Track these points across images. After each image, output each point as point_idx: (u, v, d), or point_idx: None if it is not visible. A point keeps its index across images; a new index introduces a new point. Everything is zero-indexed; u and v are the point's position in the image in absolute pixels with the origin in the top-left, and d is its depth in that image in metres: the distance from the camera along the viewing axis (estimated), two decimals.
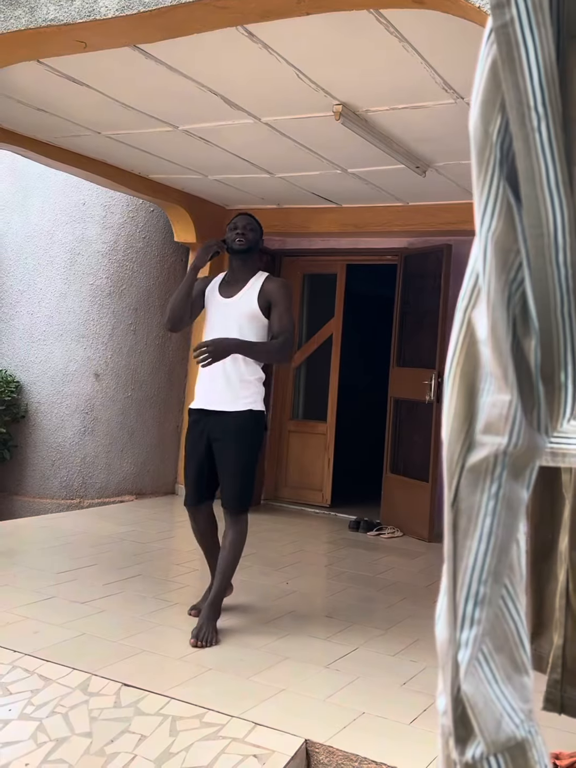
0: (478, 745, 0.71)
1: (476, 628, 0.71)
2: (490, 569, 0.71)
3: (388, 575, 4.96)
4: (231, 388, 3.59)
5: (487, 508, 0.71)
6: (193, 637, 3.40)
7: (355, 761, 2.59)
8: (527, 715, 0.73)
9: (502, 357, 0.69)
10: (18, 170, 6.79)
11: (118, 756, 2.58)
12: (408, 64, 3.53)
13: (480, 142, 0.69)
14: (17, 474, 6.55)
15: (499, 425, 0.70)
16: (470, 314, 0.72)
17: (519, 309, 0.69)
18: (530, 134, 0.66)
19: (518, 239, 0.69)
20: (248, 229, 3.71)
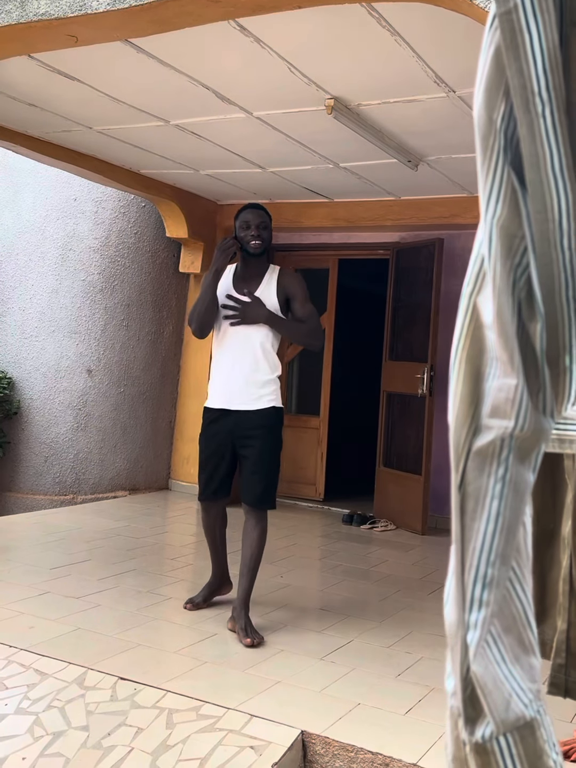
0: (487, 725, 0.72)
1: (485, 610, 0.71)
2: (497, 551, 0.72)
3: (382, 568, 4.97)
4: (252, 388, 3.55)
5: (494, 491, 0.71)
6: (248, 637, 3.39)
7: (351, 751, 2.60)
8: (536, 695, 0.74)
9: (507, 341, 0.69)
10: (9, 166, 6.77)
11: (115, 749, 2.59)
12: (400, 58, 3.53)
13: (484, 128, 0.70)
14: (10, 470, 6.54)
15: (505, 409, 0.70)
16: (475, 299, 0.73)
17: (524, 293, 0.70)
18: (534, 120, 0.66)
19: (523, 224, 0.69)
20: (262, 228, 3.61)
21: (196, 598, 3.72)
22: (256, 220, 3.61)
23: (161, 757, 2.53)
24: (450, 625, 0.74)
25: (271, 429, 3.57)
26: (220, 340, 3.65)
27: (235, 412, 3.56)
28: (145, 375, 6.93)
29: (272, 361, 3.62)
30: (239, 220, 3.65)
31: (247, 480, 3.57)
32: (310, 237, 7.13)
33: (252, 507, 3.56)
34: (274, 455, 3.61)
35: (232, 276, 3.70)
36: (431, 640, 3.63)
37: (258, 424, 3.54)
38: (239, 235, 3.63)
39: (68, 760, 2.54)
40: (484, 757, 0.73)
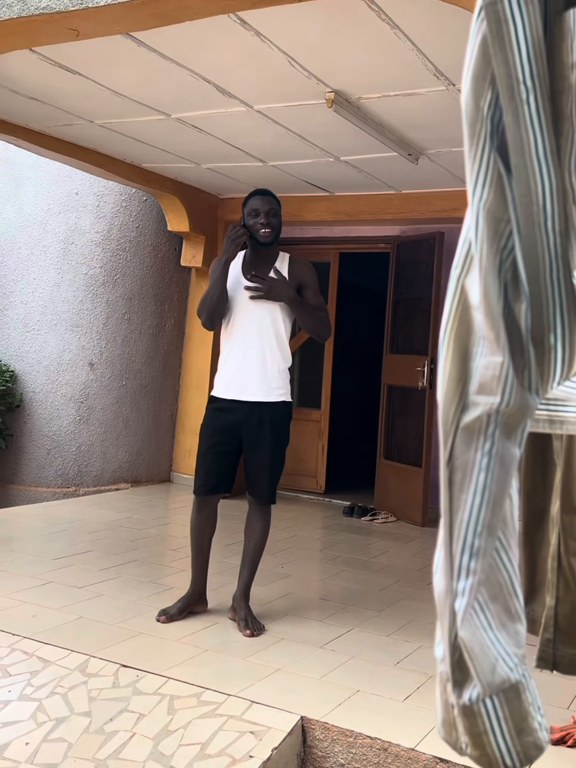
0: (474, 688, 0.75)
1: (472, 578, 0.74)
2: (484, 522, 0.74)
3: (382, 559, 5.01)
4: (266, 378, 3.48)
5: (481, 465, 0.73)
6: (248, 629, 3.41)
7: (350, 736, 2.64)
8: (521, 660, 0.77)
9: (494, 321, 0.72)
10: (10, 160, 6.79)
11: (118, 734, 2.62)
12: (400, 51, 3.55)
13: (471, 115, 0.72)
14: (13, 463, 6.57)
15: (491, 386, 0.72)
16: (463, 281, 0.75)
17: (510, 275, 0.72)
18: (519, 107, 0.68)
19: (509, 208, 0.71)
20: (272, 215, 3.49)
21: (171, 609, 3.56)
22: (265, 207, 3.49)
23: (163, 742, 2.57)
24: (439, 593, 0.77)
25: (282, 425, 3.54)
26: (230, 329, 3.55)
27: (246, 404, 3.48)
28: (146, 368, 6.96)
29: (285, 351, 3.55)
30: (248, 207, 3.53)
31: (257, 476, 3.54)
32: (310, 231, 7.15)
33: (256, 499, 3.57)
34: (282, 451, 3.60)
35: (241, 264, 3.60)
36: (430, 629, 3.64)
37: (269, 420, 3.48)
38: (248, 223, 3.50)
39: (71, 745, 2.58)
40: (471, 719, 0.75)
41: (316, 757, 2.68)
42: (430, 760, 2.51)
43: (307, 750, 2.69)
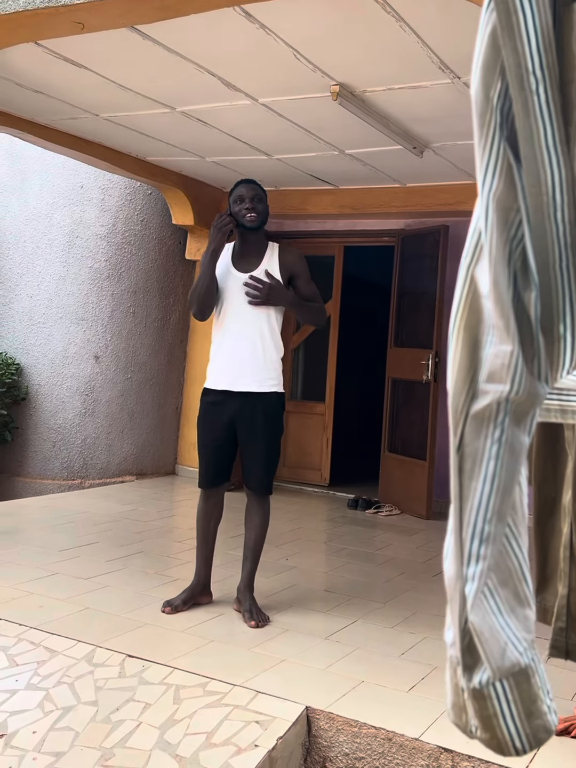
0: (484, 672, 0.76)
1: (482, 564, 0.75)
2: (494, 509, 0.75)
3: (387, 551, 5.03)
4: (258, 369, 3.48)
5: (491, 452, 0.74)
6: (252, 620, 3.43)
7: (354, 726, 2.66)
8: (530, 644, 0.78)
9: (503, 310, 0.72)
10: (16, 153, 6.81)
11: (124, 723, 2.65)
12: (405, 44, 3.55)
13: (481, 106, 0.73)
14: (19, 455, 6.60)
15: (501, 374, 0.73)
16: (473, 270, 0.76)
17: (519, 264, 0.72)
18: (529, 97, 0.69)
19: (518, 198, 0.72)
20: (257, 200, 3.51)
21: (176, 600, 3.57)
22: (250, 193, 3.51)
23: (168, 731, 2.59)
24: (449, 578, 0.78)
25: (275, 416, 3.55)
26: (221, 320, 3.56)
27: (238, 394, 3.50)
28: (151, 361, 6.98)
29: (277, 341, 3.57)
30: (233, 195, 3.56)
31: (253, 467, 3.57)
32: (315, 224, 7.15)
33: (253, 491, 3.59)
34: (277, 442, 3.61)
35: (230, 254, 3.60)
36: (435, 620, 3.67)
37: (262, 411, 3.50)
38: (234, 211, 3.52)
39: (77, 734, 2.60)
40: (481, 702, 0.76)
41: (320, 746, 2.70)
42: (435, 749, 2.53)
43: (312, 739, 2.71)
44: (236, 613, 3.59)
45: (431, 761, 2.54)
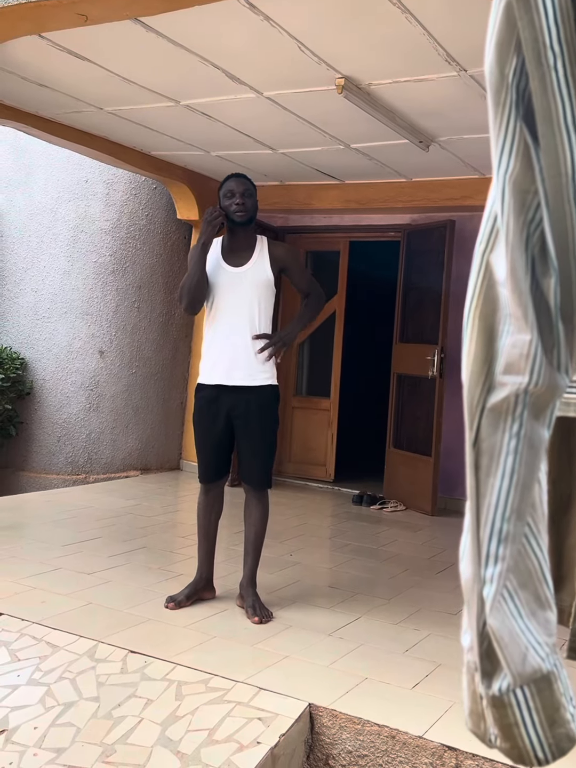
0: (504, 678, 0.72)
1: (500, 565, 0.71)
2: (513, 507, 0.71)
3: (391, 548, 5.00)
4: (251, 362, 3.48)
5: (509, 447, 0.71)
6: (255, 615, 3.42)
7: (357, 724, 2.64)
8: (552, 649, 0.74)
9: (521, 297, 0.69)
10: (21, 148, 6.79)
11: (125, 719, 2.63)
12: (411, 36, 3.52)
13: (496, 83, 0.69)
14: (23, 450, 6.60)
15: (519, 365, 0.70)
16: (488, 257, 0.72)
17: (537, 249, 0.69)
18: (546, 72, 0.66)
19: (536, 179, 0.68)
20: (246, 195, 3.50)
21: (179, 596, 3.57)
22: (240, 188, 3.50)
23: (170, 728, 2.57)
24: (466, 580, 0.74)
25: (269, 409, 3.54)
26: (213, 315, 3.55)
27: (232, 389, 3.49)
28: (156, 356, 6.97)
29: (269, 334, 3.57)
30: (223, 189, 3.54)
31: (249, 462, 3.56)
32: (320, 219, 7.12)
33: (250, 486, 3.58)
34: (273, 436, 3.60)
35: (220, 249, 3.60)
36: (439, 617, 3.65)
37: (257, 405, 3.49)
38: (224, 205, 3.52)
39: (79, 729, 2.59)
40: (501, 710, 0.73)
41: (323, 744, 2.68)
42: (438, 747, 2.51)
43: (315, 737, 2.69)
44: (239, 608, 3.58)
45: (435, 759, 2.52)
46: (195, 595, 3.61)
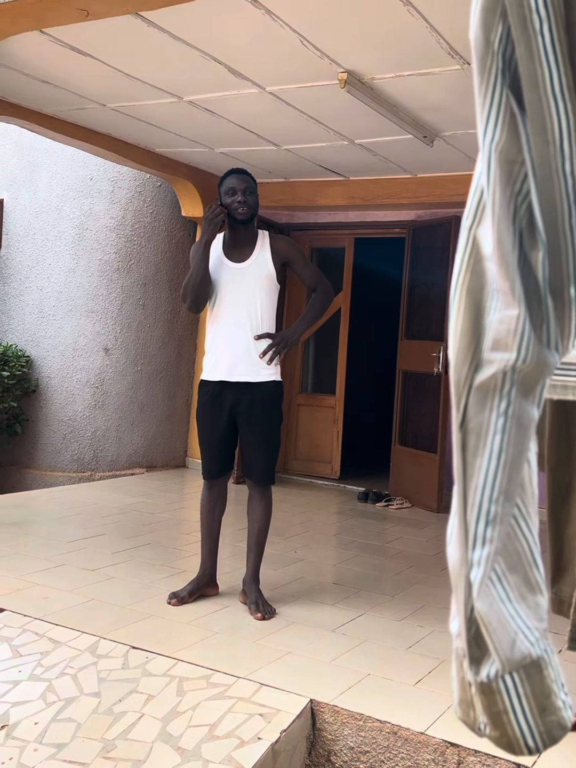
0: (492, 664, 0.70)
1: (488, 547, 0.69)
2: (500, 488, 0.69)
3: (396, 544, 4.99)
4: (254, 358, 3.46)
5: (497, 426, 0.69)
6: (258, 612, 3.41)
7: (359, 720, 2.62)
8: (542, 634, 0.72)
9: (508, 270, 0.67)
10: (25, 146, 6.79)
11: (126, 715, 2.63)
12: (413, 30, 3.49)
13: (481, 50, 0.67)
14: (29, 447, 6.61)
15: (507, 341, 0.68)
16: (475, 232, 0.70)
17: (525, 222, 0.67)
18: (532, 38, 0.63)
19: (523, 149, 0.66)
20: (248, 193, 3.48)
21: (181, 592, 3.56)
22: (241, 185, 3.48)
23: (171, 723, 2.57)
24: (453, 564, 0.72)
25: (274, 405, 3.53)
26: (216, 312, 3.54)
27: (235, 385, 3.47)
28: (161, 354, 6.96)
29: (272, 330, 3.54)
30: (224, 186, 3.51)
31: (253, 458, 3.55)
32: (325, 216, 7.10)
33: (254, 482, 3.57)
34: (277, 431, 3.59)
35: (221, 246, 3.58)
36: (443, 614, 3.63)
37: (260, 401, 3.48)
38: (225, 202, 3.49)
39: (80, 725, 2.59)
40: (489, 697, 0.71)
41: (325, 740, 2.67)
42: (440, 744, 2.49)
43: (317, 733, 2.68)
44: (242, 605, 3.57)
45: (437, 755, 2.50)
46: (198, 591, 3.60)
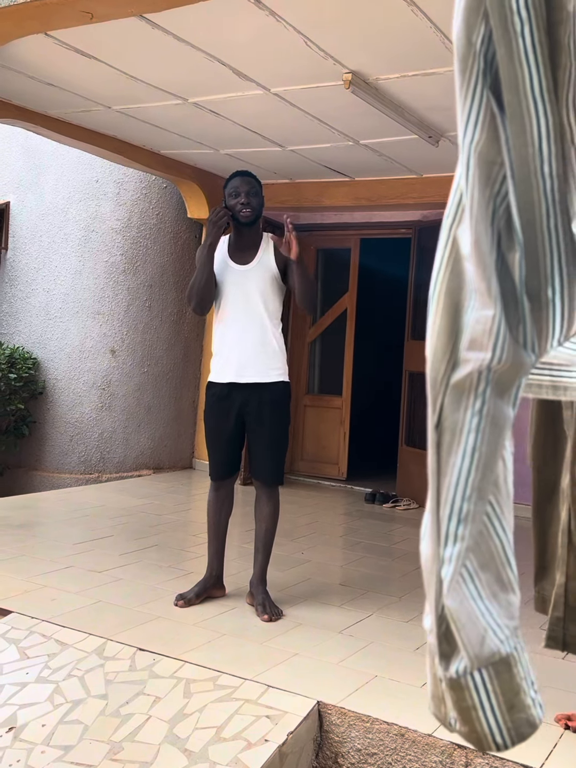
0: (461, 660, 0.71)
1: (459, 545, 0.69)
2: (473, 485, 0.69)
3: (404, 545, 4.98)
4: (261, 359, 3.46)
5: (471, 425, 0.69)
6: (265, 614, 3.41)
7: (366, 721, 2.62)
8: (513, 632, 0.72)
9: (486, 271, 0.67)
10: (31, 148, 6.81)
11: (133, 717, 2.63)
12: (417, 30, 3.49)
13: (463, 51, 0.67)
14: (36, 449, 6.62)
15: (482, 341, 0.68)
16: (455, 232, 0.70)
17: (503, 223, 0.67)
18: (513, 39, 0.63)
19: (502, 150, 0.66)
20: (252, 195, 3.49)
21: (189, 593, 3.56)
22: (245, 187, 3.49)
23: (178, 725, 2.56)
24: (425, 560, 0.73)
25: (281, 405, 3.53)
26: (222, 314, 3.55)
27: (244, 386, 3.48)
28: (168, 355, 6.97)
29: (279, 331, 3.55)
30: (228, 188, 3.53)
31: (261, 458, 3.55)
32: (331, 216, 7.10)
33: (261, 482, 3.57)
34: (285, 432, 3.59)
35: (226, 248, 3.60)
36: None
37: (268, 401, 3.48)
38: (229, 204, 3.50)
39: (87, 727, 2.59)
40: (458, 693, 0.72)
41: (332, 742, 2.67)
42: (448, 746, 2.49)
43: (324, 735, 2.67)
44: (249, 606, 3.56)
45: (444, 757, 2.49)
46: (205, 592, 3.60)
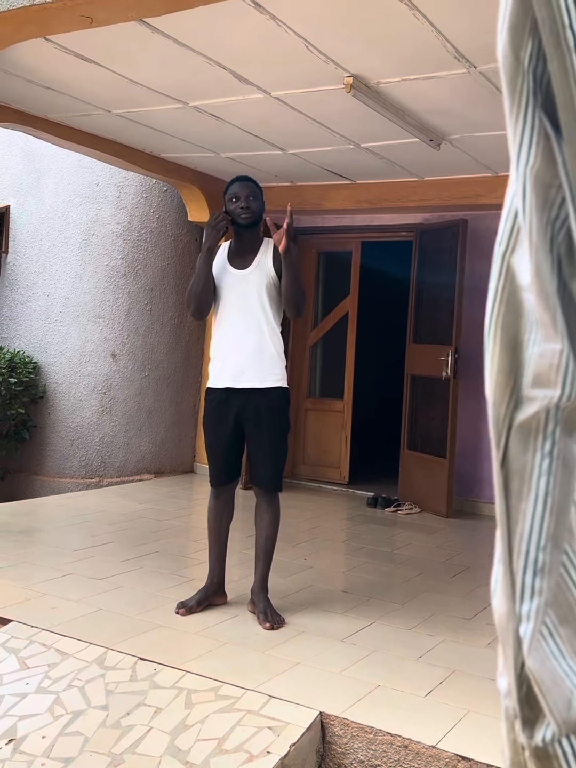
0: (548, 727, 0.65)
1: (537, 599, 0.65)
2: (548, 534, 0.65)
3: (406, 551, 4.95)
4: (259, 364, 3.45)
5: (541, 468, 0.65)
6: (267, 621, 3.39)
7: (369, 733, 2.59)
8: None
9: (548, 301, 0.63)
10: (31, 152, 6.79)
11: (134, 728, 2.60)
12: (418, 33, 3.47)
13: (511, 70, 0.64)
14: (37, 454, 6.60)
15: (549, 377, 0.64)
16: (509, 259, 0.67)
17: (564, 249, 0.64)
18: (566, 55, 0.60)
19: (559, 173, 0.63)
20: (251, 199, 3.50)
21: (190, 601, 3.54)
22: (244, 191, 3.50)
23: (179, 737, 2.54)
24: (500, 617, 0.68)
25: (280, 411, 3.51)
26: (220, 318, 3.55)
27: (242, 391, 3.46)
28: (168, 359, 6.95)
29: (278, 337, 3.53)
30: (228, 193, 3.54)
31: (260, 464, 3.53)
32: (332, 219, 7.07)
33: (261, 489, 3.55)
34: (284, 438, 3.56)
35: (226, 253, 3.61)
36: (454, 622, 3.60)
37: (267, 407, 3.46)
38: (229, 209, 3.52)
39: (87, 738, 2.56)
40: (545, 762, 0.67)
41: (335, 753, 2.64)
42: (452, 757, 2.46)
43: (327, 746, 2.65)
44: (251, 614, 3.54)
45: None
46: (206, 600, 3.58)
